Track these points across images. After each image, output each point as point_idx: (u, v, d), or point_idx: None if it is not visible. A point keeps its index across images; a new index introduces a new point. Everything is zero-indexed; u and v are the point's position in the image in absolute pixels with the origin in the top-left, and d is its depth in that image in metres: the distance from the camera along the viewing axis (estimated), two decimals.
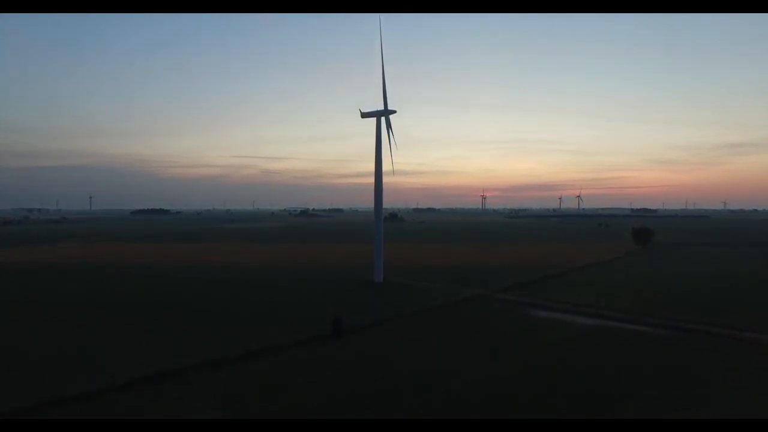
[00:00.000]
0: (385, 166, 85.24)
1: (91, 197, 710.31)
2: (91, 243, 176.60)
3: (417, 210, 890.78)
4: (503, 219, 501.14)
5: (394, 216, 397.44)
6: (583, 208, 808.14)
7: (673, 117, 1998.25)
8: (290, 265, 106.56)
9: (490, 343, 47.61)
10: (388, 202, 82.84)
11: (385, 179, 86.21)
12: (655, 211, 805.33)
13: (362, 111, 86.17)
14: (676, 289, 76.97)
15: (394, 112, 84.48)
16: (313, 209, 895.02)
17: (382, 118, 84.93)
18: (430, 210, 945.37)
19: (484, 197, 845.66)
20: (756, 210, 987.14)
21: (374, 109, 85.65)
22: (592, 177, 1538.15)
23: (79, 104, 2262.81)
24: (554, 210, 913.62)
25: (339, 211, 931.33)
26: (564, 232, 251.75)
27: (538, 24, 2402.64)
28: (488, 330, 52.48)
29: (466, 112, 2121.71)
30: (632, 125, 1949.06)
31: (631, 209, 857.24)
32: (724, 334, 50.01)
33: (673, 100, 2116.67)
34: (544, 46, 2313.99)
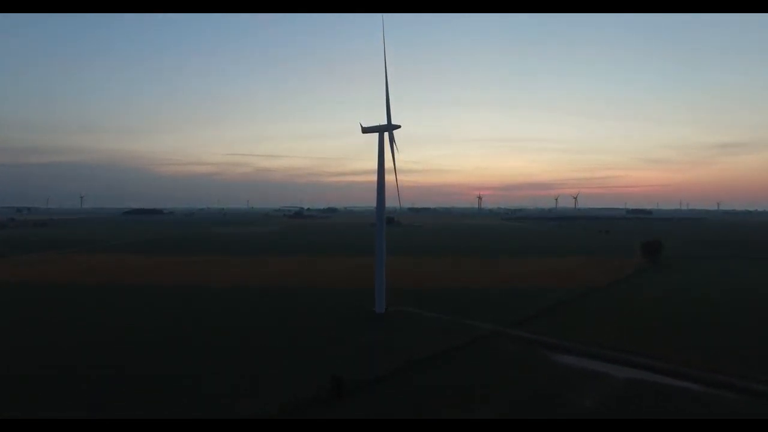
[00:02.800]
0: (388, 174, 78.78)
1: (81, 196, 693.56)
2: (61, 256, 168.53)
3: (412, 209, 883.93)
4: (500, 221, 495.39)
5: (390, 220, 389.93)
6: (579, 208, 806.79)
7: (667, 117, 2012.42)
8: (283, 288, 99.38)
9: (514, 411, 40.83)
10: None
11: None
12: (650, 212, 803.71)
13: (363, 126, 78.65)
14: (707, 321, 70.40)
15: (398, 127, 77.10)
16: (308, 209, 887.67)
17: (385, 133, 77.68)
18: (425, 209, 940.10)
19: (480, 197, 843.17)
20: (749, 211, 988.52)
21: (376, 119, 78.25)
22: (587, 176, 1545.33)
23: (73, 101, 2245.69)
24: (550, 210, 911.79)
25: (334, 210, 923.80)
26: (565, 239, 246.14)
27: (534, 24, 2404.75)
28: (509, 390, 45.53)
29: (463, 111, 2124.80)
30: (627, 124, 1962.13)
31: (626, 210, 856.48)
32: None
33: (667, 100, 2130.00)
34: (541, 45, 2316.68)
